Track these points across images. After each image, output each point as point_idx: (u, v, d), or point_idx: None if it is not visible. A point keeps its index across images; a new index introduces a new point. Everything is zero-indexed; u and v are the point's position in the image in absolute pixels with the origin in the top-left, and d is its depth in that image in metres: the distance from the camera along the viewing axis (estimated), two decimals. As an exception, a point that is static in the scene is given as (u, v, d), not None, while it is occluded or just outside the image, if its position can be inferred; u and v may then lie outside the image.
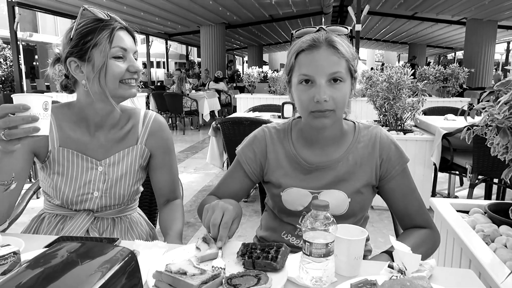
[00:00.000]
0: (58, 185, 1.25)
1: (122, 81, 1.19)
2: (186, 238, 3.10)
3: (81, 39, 1.15)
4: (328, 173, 1.20)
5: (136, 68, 1.20)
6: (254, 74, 8.21)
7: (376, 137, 1.21)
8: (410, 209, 1.20)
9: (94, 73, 1.16)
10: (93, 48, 1.14)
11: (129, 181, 1.32)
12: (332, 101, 1.08)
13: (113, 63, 1.16)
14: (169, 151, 1.40)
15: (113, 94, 1.19)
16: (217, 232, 1.01)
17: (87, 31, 1.15)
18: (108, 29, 1.16)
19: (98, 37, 1.14)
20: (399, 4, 11.07)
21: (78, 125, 1.27)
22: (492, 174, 3.04)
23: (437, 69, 6.66)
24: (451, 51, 22.90)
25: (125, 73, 1.18)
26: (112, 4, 9.91)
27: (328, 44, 1.08)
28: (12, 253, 0.86)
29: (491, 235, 1.36)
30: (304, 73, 1.09)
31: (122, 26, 1.21)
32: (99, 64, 1.15)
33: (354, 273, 0.92)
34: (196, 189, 4.47)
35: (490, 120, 1.25)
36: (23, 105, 0.89)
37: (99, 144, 1.28)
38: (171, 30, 15.65)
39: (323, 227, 0.85)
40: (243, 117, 3.61)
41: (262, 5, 11.57)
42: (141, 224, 1.42)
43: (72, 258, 0.65)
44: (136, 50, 1.24)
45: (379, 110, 3.68)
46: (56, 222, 1.31)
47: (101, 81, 1.16)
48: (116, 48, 1.16)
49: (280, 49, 26.87)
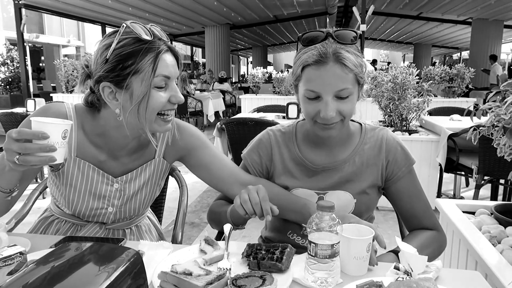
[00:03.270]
0: (70, 197, 1.18)
1: (160, 113, 1.06)
2: (191, 238, 3.11)
3: (120, 63, 0.99)
4: (334, 174, 1.20)
5: (179, 99, 1.06)
6: (258, 75, 8.20)
7: (383, 139, 1.21)
8: (416, 211, 1.20)
9: (132, 104, 1.02)
10: (133, 75, 0.99)
11: (145, 196, 1.25)
12: (338, 114, 1.07)
13: (154, 94, 1.01)
14: (197, 147, 1.25)
15: (149, 128, 1.06)
16: (260, 209, 1.02)
17: (127, 53, 0.99)
18: (152, 53, 1.00)
19: (140, 63, 0.99)
20: (404, 4, 11.04)
21: (99, 138, 1.16)
22: (498, 174, 3.01)
23: (443, 69, 6.63)
24: (457, 51, 22.78)
25: (165, 104, 1.05)
26: (117, 5, 9.96)
27: (336, 60, 1.03)
28: (18, 253, 0.86)
29: (497, 237, 1.35)
30: (311, 89, 1.06)
31: (167, 48, 1.04)
32: (139, 95, 1.00)
33: (355, 273, 0.91)
34: (200, 190, 4.48)
35: (496, 120, 1.25)
36: (42, 133, 0.86)
37: (117, 160, 1.19)
38: (176, 31, 15.69)
39: (329, 228, 0.84)
40: (248, 118, 3.61)
41: (266, 6, 11.58)
42: (151, 232, 1.40)
43: (78, 258, 0.65)
44: (178, 75, 1.08)
45: (384, 110, 3.66)
46: (66, 229, 1.26)
47: (141, 113, 1.02)
48: (159, 77, 1.01)
49: (285, 49, 26.88)
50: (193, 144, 1.25)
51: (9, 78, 14.14)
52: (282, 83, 7.27)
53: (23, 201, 1.56)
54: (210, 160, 1.25)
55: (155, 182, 1.27)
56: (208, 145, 1.27)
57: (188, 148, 1.25)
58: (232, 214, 1.15)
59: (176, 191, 1.59)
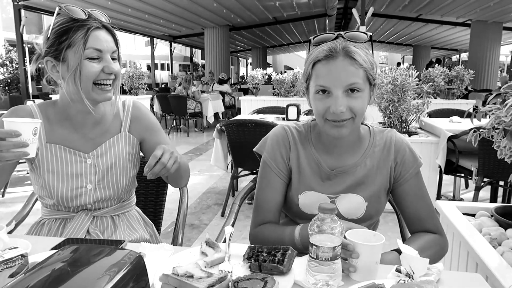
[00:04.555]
0: (50, 183, 1.25)
1: (97, 84, 1.18)
2: (191, 240, 3.10)
3: (56, 39, 1.15)
4: (347, 178, 1.19)
5: (111, 69, 1.18)
6: (258, 76, 8.21)
7: (392, 140, 1.21)
8: (421, 213, 1.19)
9: (69, 74, 1.16)
10: (68, 48, 1.14)
11: (120, 170, 1.32)
12: (349, 111, 1.06)
13: (87, 64, 1.15)
14: (156, 130, 1.40)
15: (87, 97, 1.19)
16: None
17: (62, 31, 1.15)
18: (83, 29, 1.14)
19: (73, 38, 1.14)
20: (404, 6, 11.05)
21: (63, 121, 1.28)
22: (498, 176, 3.02)
23: (442, 71, 6.64)
24: (456, 53, 22.81)
25: (99, 74, 1.17)
26: (117, 7, 9.95)
27: (345, 54, 1.05)
28: (20, 256, 0.86)
29: (498, 239, 1.36)
30: (321, 84, 1.07)
31: (99, 26, 1.18)
32: (73, 65, 1.15)
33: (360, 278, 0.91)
34: (200, 191, 4.47)
35: (497, 122, 1.25)
36: (14, 132, 0.96)
37: (85, 138, 1.30)
38: (176, 33, 15.70)
39: (330, 230, 0.84)
40: (248, 119, 3.60)
41: (266, 7, 11.59)
42: (140, 222, 1.44)
43: (79, 261, 0.65)
44: (115, 50, 1.22)
45: (383, 112, 3.66)
46: (56, 226, 1.31)
47: (76, 82, 1.16)
48: (90, 50, 1.15)
49: (284, 51, 26.89)
50: (153, 127, 1.40)
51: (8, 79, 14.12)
52: (281, 85, 7.27)
53: (22, 203, 1.56)
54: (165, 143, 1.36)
55: (127, 158, 1.35)
56: (162, 131, 1.42)
57: (149, 129, 1.39)
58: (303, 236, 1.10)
59: (176, 192, 1.59)
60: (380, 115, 3.78)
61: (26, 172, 4.92)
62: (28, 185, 4.63)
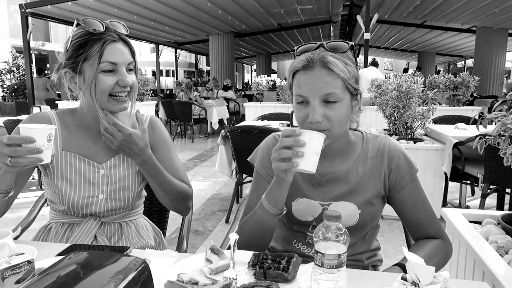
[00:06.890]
0: (63, 190, 1.26)
1: (112, 96, 1.21)
2: (195, 246, 3.10)
3: (74, 51, 1.19)
4: (338, 185, 1.19)
5: (125, 82, 1.20)
6: (262, 83, 8.23)
7: (385, 147, 1.21)
8: (421, 219, 1.19)
9: (85, 86, 1.19)
10: (84, 61, 1.17)
11: (132, 183, 1.33)
12: (326, 121, 1.07)
13: (102, 78, 1.18)
14: (167, 146, 1.40)
15: (104, 108, 1.21)
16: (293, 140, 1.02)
17: (79, 44, 1.18)
18: (99, 43, 1.17)
19: (89, 51, 1.17)
20: (408, 13, 11.06)
21: (80, 130, 1.30)
22: (504, 184, 2.99)
23: (447, 77, 6.63)
24: (461, 59, 22.76)
25: (114, 86, 1.19)
26: (123, 14, 10.05)
27: (322, 65, 1.06)
28: (26, 262, 0.86)
29: (505, 247, 1.34)
30: (299, 93, 1.09)
31: (116, 39, 1.21)
32: (89, 78, 1.17)
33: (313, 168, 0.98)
34: (204, 197, 4.47)
35: (503, 129, 1.24)
36: (29, 138, 0.98)
37: (101, 148, 1.31)
38: (181, 39, 15.80)
39: (335, 238, 0.84)
40: (252, 126, 3.61)
41: (270, 14, 11.64)
42: (148, 229, 1.44)
43: (85, 267, 0.65)
44: (131, 61, 1.24)
45: (388, 118, 3.66)
46: (63, 231, 1.32)
47: (92, 94, 1.18)
48: (105, 63, 1.17)
49: (289, 57, 26.93)
50: (164, 142, 1.40)
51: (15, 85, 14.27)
52: (286, 91, 7.29)
53: (28, 208, 1.57)
54: (169, 161, 1.37)
55: (138, 170, 1.35)
56: (173, 150, 1.42)
57: (160, 143, 1.39)
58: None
59: (181, 199, 1.59)
60: (385, 121, 3.77)
61: (32, 178, 4.95)
62: (33, 190, 4.65)
